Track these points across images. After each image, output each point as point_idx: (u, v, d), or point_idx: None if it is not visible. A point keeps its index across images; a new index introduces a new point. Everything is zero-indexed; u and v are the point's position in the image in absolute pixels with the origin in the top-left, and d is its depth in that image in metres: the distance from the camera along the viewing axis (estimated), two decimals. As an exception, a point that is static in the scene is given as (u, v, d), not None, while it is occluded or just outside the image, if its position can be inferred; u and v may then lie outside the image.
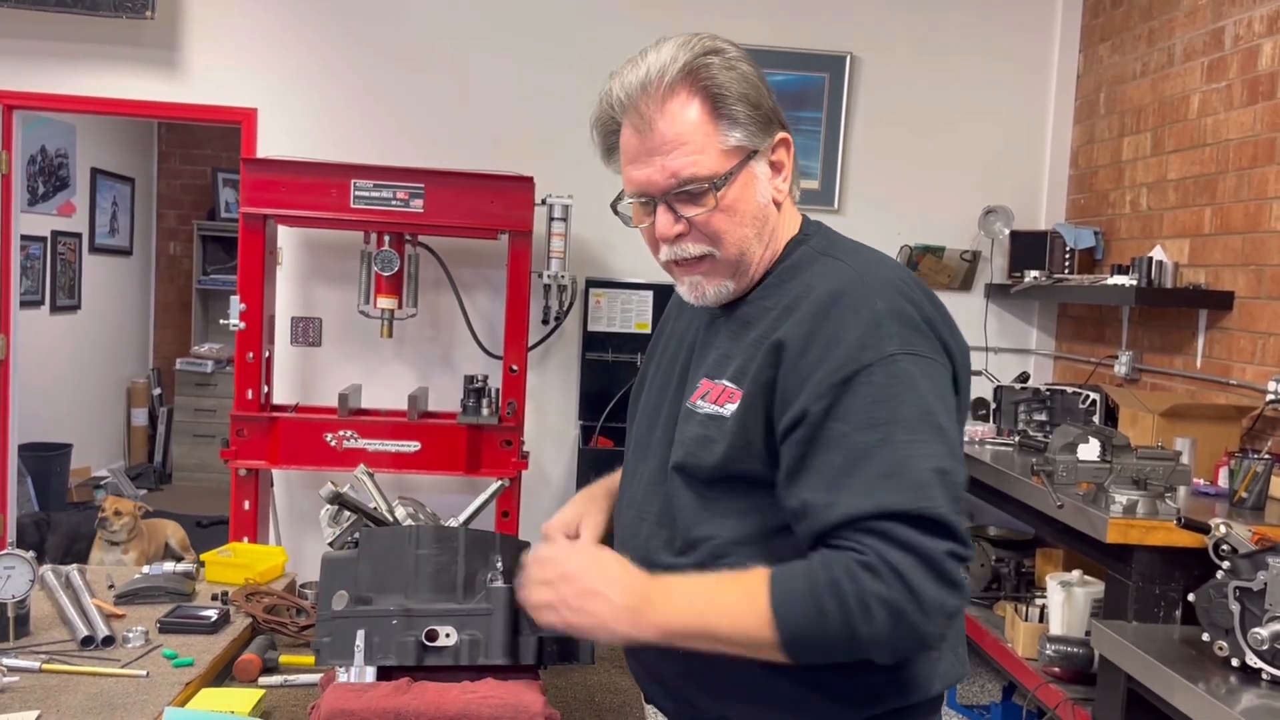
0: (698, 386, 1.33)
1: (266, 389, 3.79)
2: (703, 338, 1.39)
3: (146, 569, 2.08)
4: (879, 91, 4.38)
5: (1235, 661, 2.04)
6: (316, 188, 3.63)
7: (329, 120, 4.20)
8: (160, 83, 4.14)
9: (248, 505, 3.73)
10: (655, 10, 4.19)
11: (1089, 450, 2.66)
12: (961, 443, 1.25)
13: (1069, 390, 3.65)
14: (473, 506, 1.87)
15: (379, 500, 1.84)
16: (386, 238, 3.74)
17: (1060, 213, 4.46)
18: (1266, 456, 2.75)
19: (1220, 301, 3.33)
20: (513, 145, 4.18)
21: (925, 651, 1.27)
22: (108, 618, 1.86)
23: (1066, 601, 3.00)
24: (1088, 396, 3.55)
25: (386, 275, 3.73)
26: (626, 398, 1.59)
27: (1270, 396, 2.97)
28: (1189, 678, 2.04)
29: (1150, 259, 3.54)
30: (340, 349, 4.23)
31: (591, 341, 4.32)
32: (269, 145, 4.13)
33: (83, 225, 6.44)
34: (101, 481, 6.24)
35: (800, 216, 1.40)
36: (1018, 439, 3.55)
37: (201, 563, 2.18)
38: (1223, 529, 2.08)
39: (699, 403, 1.31)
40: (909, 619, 1.12)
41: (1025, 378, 3.98)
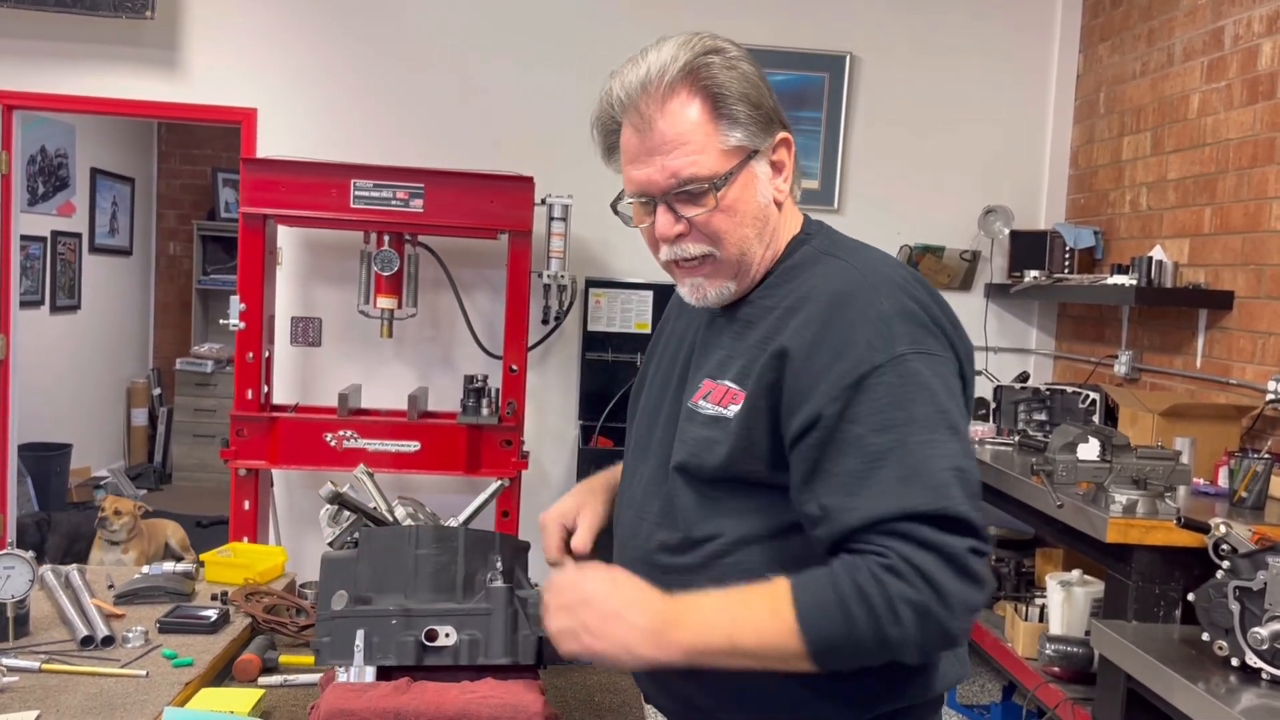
0: (699, 387, 1.32)
1: (266, 389, 3.79)
2: (703, 337, 1.38)
3: (146, 569, 2.08)
4: (879, 91, 4.38)
5: (1235, 661, 2.04)
6: (316, 188, 3.63)
7: (329, 120, 4.20)
8: (160, 83, 4.14)
9: (248, 505, 3.74)
10: (655, 10, 4.19)
11: (1089, 450, 2.66)
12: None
13: (1069, 390, 3.65)
14: (472, 506, 1.87)
15: (379, 500, 1.84)
16: (386, 237, 3.74)
17: (1060, 212, 4.46)
18: (1266, 456, 2.75)
19: (1220, 301, 3.33)
20: (513, 145, 4.18)
21: (952, 648, 1.26)
22: (107, 618, 1.86)
23: (1066, 601, 3.00)
24: (1087, 396, 3.55)
25: (386, 275, 3.73)
26: (626, 398, 1.59)
27: (1270, 396, 2.97)
28: (1189, 677, 2.03)
29: (1150, 259, 3.54)
30: (340, 349, 4.23)
31: (591, 341, 4.32)
32: (269, 145, 4.13)
33: (82, 225, 6.44)
34: (101, 481, 6.23)
35: (802, 216, 1.39)
36: (1017, 439, 3.55)
37: (201, 563, 2.18)
38: (1222, 529, 2.08)
39: (701, 403, 1.30)
40: (936, 618, 1.13)
41: (1025, 377, 3.98)
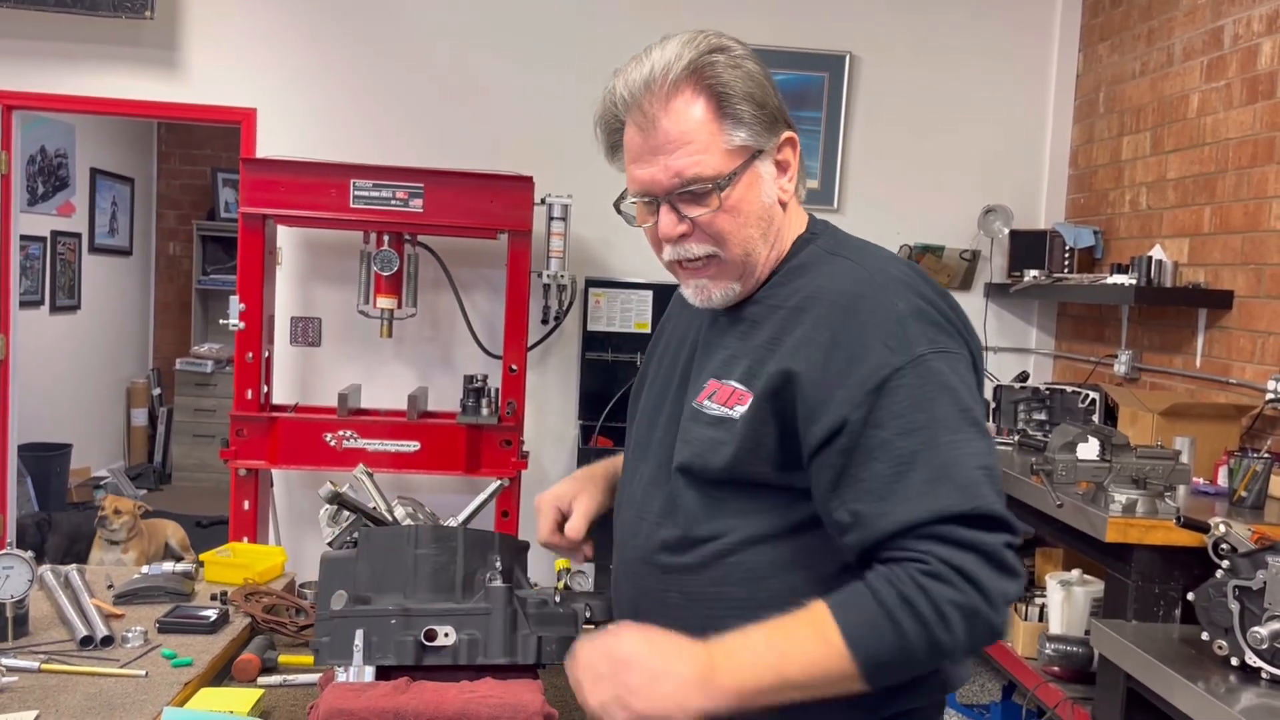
0: (704, 387, 1.30)
1: (266, 389, 3.79)
2: (706, 337, 1.37)
3: (146, 569, 2.08)
4: (879, 91, 4.38)
5: (1235, 660, 2.04)
6: (316, 188, 3.63)
7: (328, 120, 4.20)
8: (160, 83, 4.14)
9: (247, 505, 3.74)
10: (655, 10, 4.18)
11: (1088, 449, 2.66)
12: None
13: (1068, 389, 3.65)
14: (472, 506, 1.87)
15: (378, 500, 1.84)
16: (386, 237, 3.74)
17: (1060, 212, 4.46)
18: (1266, 455, 2.75)
19: (1220, 300, 3.33)
20: (513, 145, 4.18)
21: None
22: (107, 618, 1.86)
23: (1066, 600, 3.00)
24: (1087, 396, 3.55)
25: (386, 275, 3.73)
26: (626, 397, 1.58)
27: (1269, 395, 2.97)
28: (1188, 677, 2.03)
29: (1150, 258, 3.53)
30: (340, 349, 4.23)
31: (591, 341, 4.32)
32: (268, 145, 4.13)
33: (82, 225, 6.44)
34: (101, 481, 6.23)
35: (807, 215, 1.38)
36: (1017, 438, 3.55)
37: (201, 563, 2.18)
38: (1222, 528, 2.08)
39: (707, 403, 1.29)
40: (983, 617, 1.13)
41: (1025, 377, 3.98)
